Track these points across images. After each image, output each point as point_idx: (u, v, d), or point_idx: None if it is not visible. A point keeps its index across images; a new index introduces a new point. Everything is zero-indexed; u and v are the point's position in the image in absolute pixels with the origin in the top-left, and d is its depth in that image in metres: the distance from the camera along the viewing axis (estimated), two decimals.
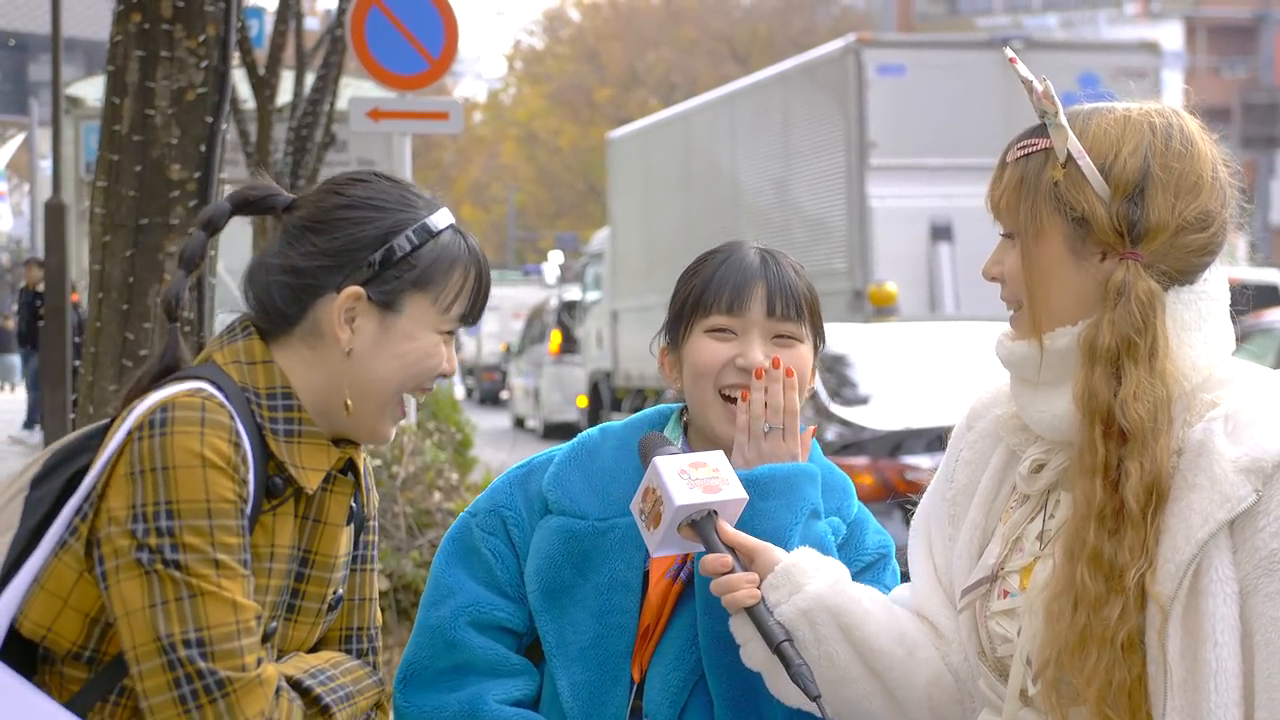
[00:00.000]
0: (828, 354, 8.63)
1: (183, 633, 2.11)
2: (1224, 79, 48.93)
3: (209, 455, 2.14)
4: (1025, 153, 2.23)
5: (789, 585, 2.32)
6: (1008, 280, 2.25)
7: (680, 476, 2.34)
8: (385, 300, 2.27)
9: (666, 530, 2.34)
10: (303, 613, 2.30)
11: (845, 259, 15.78)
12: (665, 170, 21.16)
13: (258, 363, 2.27)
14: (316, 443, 2.27)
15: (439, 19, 9.65)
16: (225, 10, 5.02)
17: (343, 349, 2.26)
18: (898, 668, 2.33)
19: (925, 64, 15.88)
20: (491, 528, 2.62)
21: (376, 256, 2.27)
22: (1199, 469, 2.09)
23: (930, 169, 15.21)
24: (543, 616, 2.56)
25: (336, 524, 2.32)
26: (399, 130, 9.96)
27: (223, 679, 2.11)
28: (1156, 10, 52.33)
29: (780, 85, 17.94)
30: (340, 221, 2.29)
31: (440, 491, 8.40)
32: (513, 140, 53.52)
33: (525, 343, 27.70)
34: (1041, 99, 2.20)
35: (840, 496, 2.63)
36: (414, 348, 2.29)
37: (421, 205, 2.33)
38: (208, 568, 2.12)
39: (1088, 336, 2.15)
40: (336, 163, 14.64)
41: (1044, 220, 2.19)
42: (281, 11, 13.47)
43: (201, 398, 2.17)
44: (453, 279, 2.31)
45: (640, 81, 48.99)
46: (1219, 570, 2.07)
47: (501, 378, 33.35)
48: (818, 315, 2.66)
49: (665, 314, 2.68)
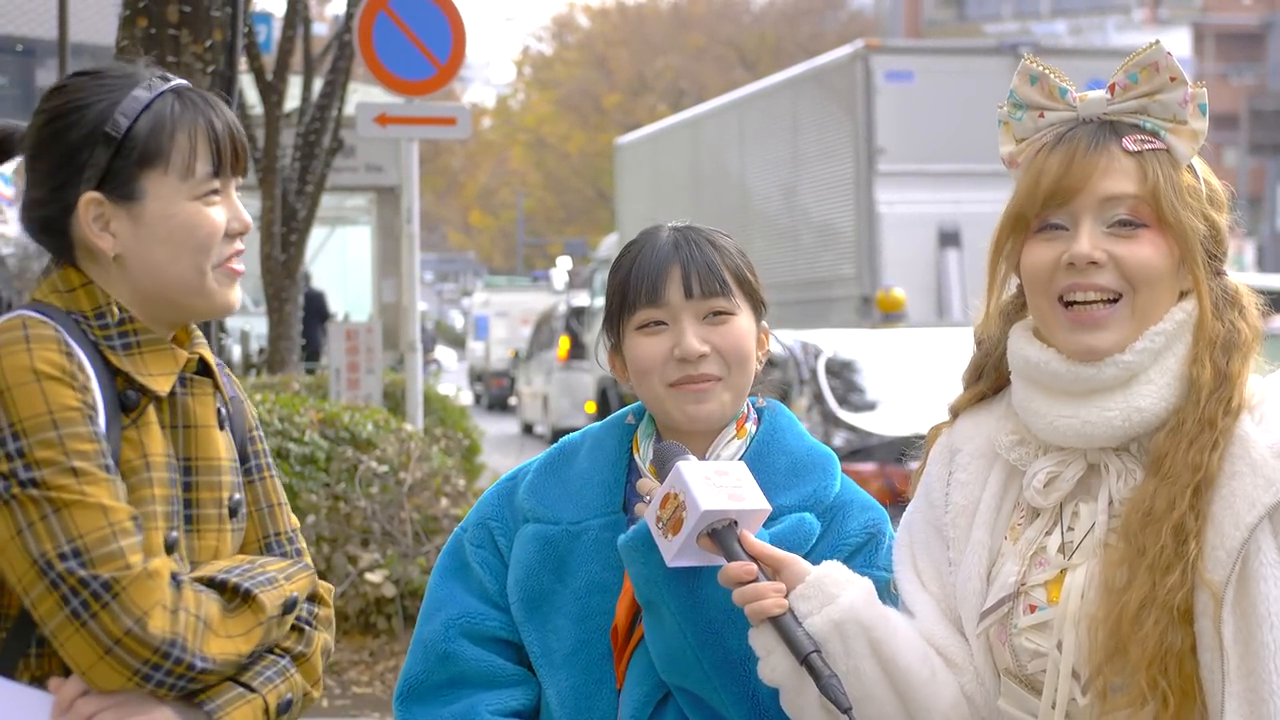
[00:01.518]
0: (835, 359, 8.66)
1: (55, 548, 2.06)
2: (1232, 85, 48.82)
3: (41, 368, 2.11)
4: (1150, 147, 2.22)
5: (821, 596, 2.27)
6: (1131, 270, 2.21)
7: (705, 481, 2.29)
8: (123, 193, 2.22)
9: (687, 538, 2.28)
10: (203, 520, 2.26)
11: (853, 265, 15.75)
12: (674, 176, 21.15)
13: (77, 288, 2.24)
14: (159, 349, 2.24)
15: (447, 25, 9.65)
16: (232, 16, 5.02)
17: (109, 257, 2.23)
18: (921, 689, 2.29)
19: (933, 70, 15.85)
20: (480, 540, 2.60)
21: (91, 152, 2.22)
22: (1236, 457, 2.15)
23: (938, 175, 15.18)
24: (526, 626, 2.53)
25: (207, 425, 2.28)
26: (406, 136, 9.96)
27: (107, 580, 2.06)
28: (1164, 16, 52.26)
29: (788, 91, 17.92)
30: (49, 138, 2.25)
31: (447, 498, 8.38)
32: (521, 146, 53.51)
33: (533, 349, 27.67)
34: (1190, 101, 2.21)
35: (818, 478, 2.56)
36: (174, 225, 2.23)
37: (122, 86, 2.25)
38: (66, 477, 2.08)
39: (1213, 331, 2.22)
40: (344, 168, 14.65)
41: (1189, 220, 2.22)
42: (289, 17, 13.49)
43: (22, 319, 2.15)
44: (178, 143, 2.23)
45: (649, 87, 48.98)
46: (1266, 554, 2.12)
47: (509, 383, 33.31)
48: (748, 283, 2.59)
49: None
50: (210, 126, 2.25)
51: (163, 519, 2.20)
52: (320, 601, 2.37)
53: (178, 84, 2.29)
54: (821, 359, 8.45)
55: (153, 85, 2.26)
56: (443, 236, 64.01)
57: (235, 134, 2.28)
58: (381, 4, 9.60)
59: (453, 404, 15.02)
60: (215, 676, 2.15)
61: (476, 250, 64.16)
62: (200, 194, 2.24)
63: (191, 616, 2.11)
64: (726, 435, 2.56)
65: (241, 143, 2.30)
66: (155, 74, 2.29)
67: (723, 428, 2.56)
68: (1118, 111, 2.23)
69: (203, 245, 2.24)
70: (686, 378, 2.50)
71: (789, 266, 17.35)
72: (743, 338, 2.54)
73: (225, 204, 2.27)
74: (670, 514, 2.29)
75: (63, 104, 2.25)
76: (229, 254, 2.27)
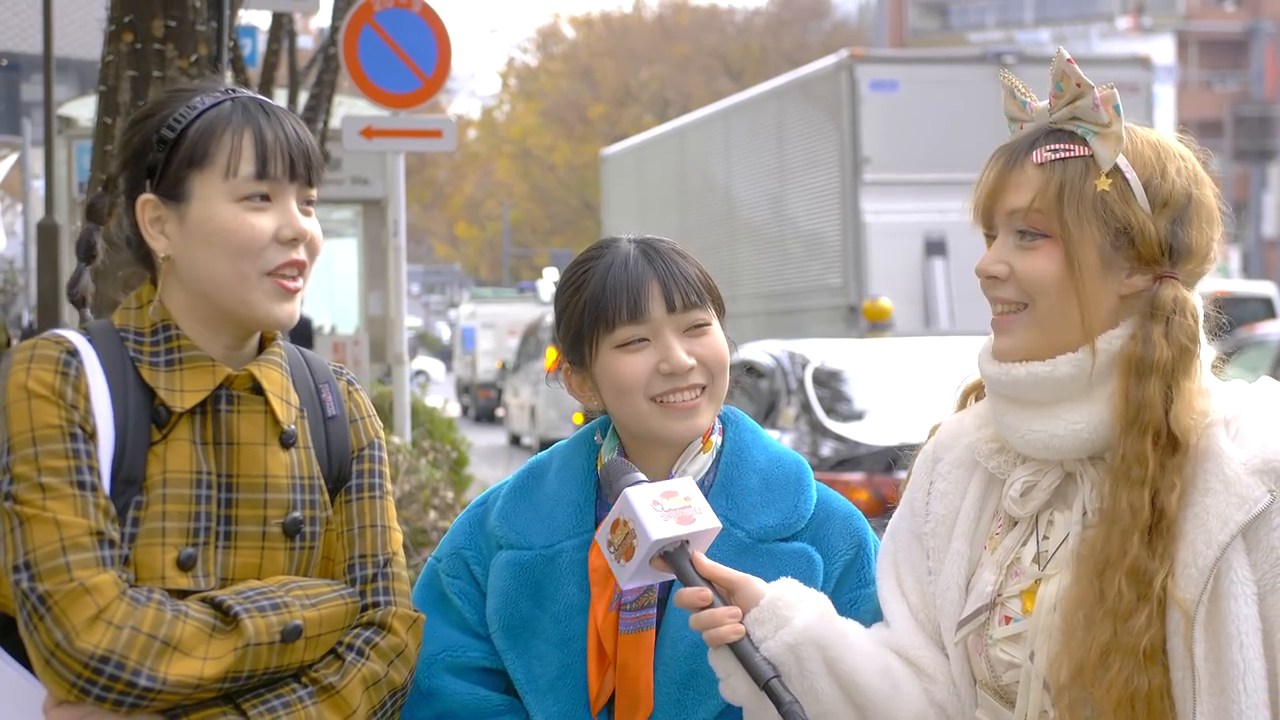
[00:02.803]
0: (822, 369, 8.67)
1: (14, 560, 2.14)
2: (1215, 93, 48.99)
3: (32, 386, 2.18)
4: (1060, 157, 2.22)
5: (775, 620, 2.28)
6: (1025, 282, 2.22)
7: (654, 508, 2.27)
8: (173, 194, 2.27)
9: (640, 564, 2.28)
10: (242, 538, 2.27)
11: (840, 274, 15.77)
12: (660, 186, 21.17)
13: (143, 305, 2.31)
14: (199, 366, 2.27)
15: (432, 38, 9.64)
16: (217, 30, 5.02)
17: (161, 258, 2.29)
18: (882, 703, 2.29)
19: (918, 79, 15.89)
20: (455, 571, 2.57)
21: (149, 158, 2.28)
22: (1209, 473, 2.12)
23: (924, 184, 15.20)
24: (509, 654, 2.50)
25: (253, 443, 2.29)
26: (392, 148, 9.95)
27: (42, 594, 2.12)
28: (1148, 25, 52.43)
29: (774, 101, 17.95)
30: (124, 147, 2.33)
31: (435, 510, 8.38)
32: (507, 157, 53.53)
33: (521, 360, 27.66)
34: (1101, 105, 2.20)
35: (794, 492, 2.54)
36: (214, 228, 2.25)
37: (183, 97, 2.31)
38: (34, 493, 2.15)
39: (1131, 351, 2.17)
40: (330, 181, 14.64)
41: (1084, 227, 2.19)
42: (275, 30, 13.47)
43: (36, 341, 2.23)
44: (223, 144, 2.26)
45: (634, 98, 49.03)
46: (1238, 571, 2.09)
47: (497, 395, 33.30)
48: (715, 290, 2.57)
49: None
50: (259, 130, 2.27)
51: (177, 535, 2.22)
52: (388, 630, 2.33)
53: (246, 94, 2.32)
54: (809, 369, 8.46)
55: (222, 94, 2.31)
56: (429, 248, 64.02)
57: (292, 143, 2.29)
58: (367, 17, 9.60)
59: (440, 416, 15.00)
60: (174, 697, 2.14)
61: (463, 262, 64.14)
62: (242, 196, 2.26)
63: (142, 635, 2.12)
64: (693, 449, 2.54)
65: (302, 152, 2.30)
66: (231, 87, 2.34)
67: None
68: (1058, 120, 2.24)
69: (242, 249, 2.25)
70: (673, 390, 2.49)
71: (776, 276, 17.38)
72: (722, 347, 2.53)
73: (277, 211, 2.27)
74: (621, 540, 2.29)
75: (139, 115, 2.33)
76: (280, 262, 2.27)
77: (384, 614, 2.34)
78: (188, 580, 2.20)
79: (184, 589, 2.20)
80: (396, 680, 2.32)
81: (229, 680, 2.17)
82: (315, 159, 2.32)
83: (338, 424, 2.40)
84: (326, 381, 2.42)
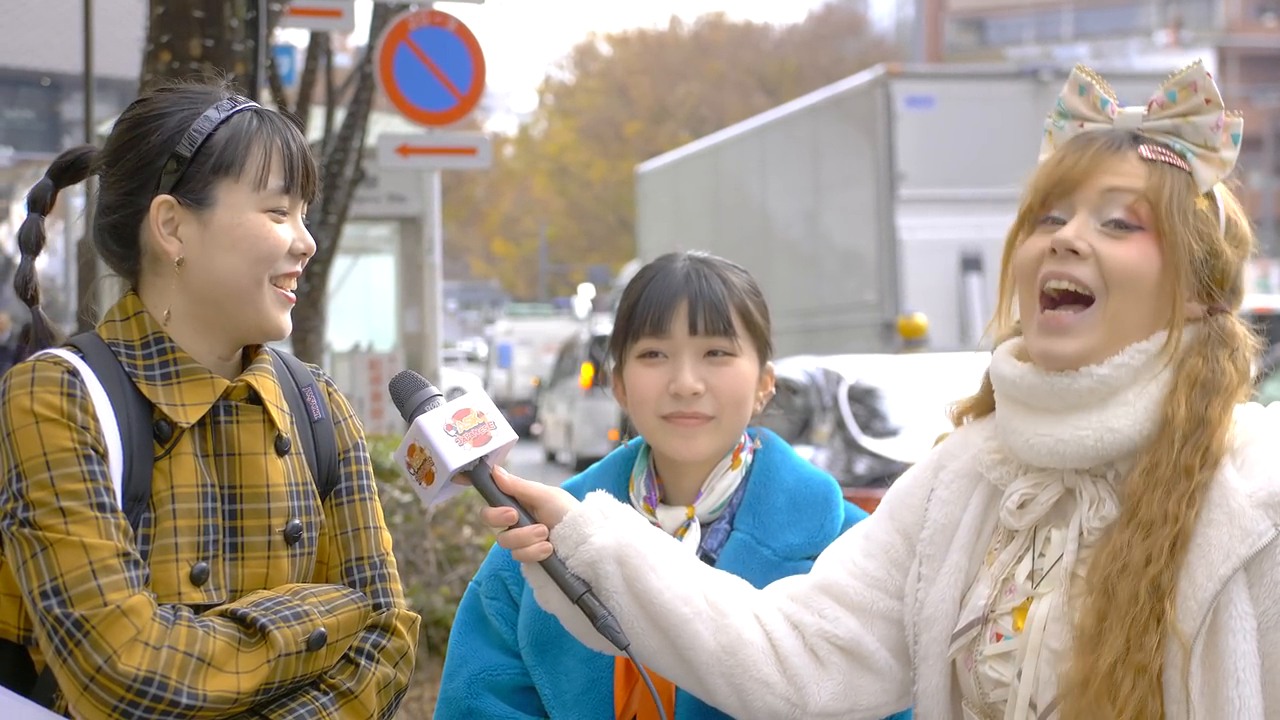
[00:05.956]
0: (857, 386, 8.65)
1: (40, 586, 2.12)
2: (1256, 108, 48.71)
3: (39, 410, 2.16)
4: (1167, 160, 2.17)
5: (576, 536, 2.28)
6: (1110, 268, 2.15)
7: (448, 434, 2.25)
8: (195, 198, 2.26)
9: (441, 487, 2.27)
10: (249, 549, 2.27)
11: (875, 291, 15.75)
12: (695, 202, 21.19)
13: (130, 317, 2.28)
14: (197, 379, 2.26)
15: (467, 55, 9.69)
16: (254, 49, 5.05)
17: (174, 261, 2.26)
18: (682, 626, 2.27)
19: (954, 95, 15.87)
20: (494, 592, 2.60)
21: (169, 160, 2.26)
22: (1214, 504, 2.08)
23: (960, 200, 15.18)
24: (537, 670, 2.52)
25: (254, 453, 2.29)
26: (428, 166, 10.01)
27: (78, 619, 2.10)
28: (1187, 39, 52.22)
29: (809, 117, 17.96)
30: (128, 144, 2.30)
31: (470, 526, 8.39)
32: (543, 174, 53.65)
33: (557, 376, 27.69)
34: (1220, 129, 2.17)
35: (820, 512, 2.54)
36: (241, 234, 2.26)
37: (204, 99, 2.31)
38: (54, 518, 2.13)
39: (1198, 370, 2.14)
40: (367, 198, 14.69)
41: (1186, 235, 2.15)
42: (312, 49, 13.55)
43: (34, 361, 2.21)
44: (253, 155, 2.27)
45: (670, 115, 49.09)
46: (1238, 606, 2.04)
47: (533, 411, 33.35)
48: (755, 324, 2.56)
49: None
50: (286, 144, 2.30)
51: (188, 550, 2.22)
52: (392, 632, 2.36)
53: (248, 103, 2.34)
54: (843, 385, 8.44)
55: (234, 101, 2.32)
56: (466, 265, 64.15)
57: (307, 157, 2.32)
58: (402, 35, 9.66)
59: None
60: (213, 713, 2.15)
61: (499, 279, 64.28)
62: (268, 208, 2.28)
63: (179, 654, 2.12)
64: (723, 467, 2.56)
65: (312, 167, 2.34)
66: (235, 93, 2.35)
67: (717, 461, 2.56)
68: (1151, 129, 2.19)
69: (265, 257, 2.26)
70: (678, 413, 2.51)
71: (811, 293, 17.36)
72: (740, 380, 2.52)
73: (292, 223, 2.31)
74: (420, 464, 2.27)
75: (144, 112, 2.31)
76: (286, 272, 2.29)
77: (387, 617, 2.36)
78: (201, 595, 2.21)
79: (198, 604, 2.21)
80: (402, 681, 2.36)
81: (261, 692, 2.18)
82: (315, 173, 2.36)
83: (324, 427, 2.42)
84: (309, 385, 2.42)
